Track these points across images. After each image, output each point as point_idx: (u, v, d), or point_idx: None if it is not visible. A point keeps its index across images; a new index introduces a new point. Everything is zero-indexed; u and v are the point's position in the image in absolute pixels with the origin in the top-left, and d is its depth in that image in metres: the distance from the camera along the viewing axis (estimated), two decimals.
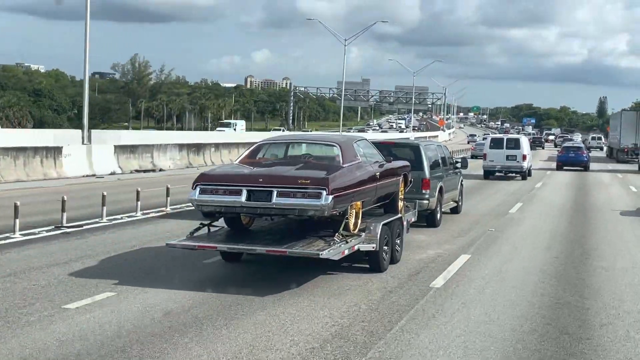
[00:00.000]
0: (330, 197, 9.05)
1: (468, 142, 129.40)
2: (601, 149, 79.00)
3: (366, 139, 12.11)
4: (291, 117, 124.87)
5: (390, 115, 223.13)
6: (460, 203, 18.67)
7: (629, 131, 53.08)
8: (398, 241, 11.40)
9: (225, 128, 78.89)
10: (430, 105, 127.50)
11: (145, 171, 29.79)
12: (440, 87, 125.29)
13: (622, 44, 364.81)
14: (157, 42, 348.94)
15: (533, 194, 25.04)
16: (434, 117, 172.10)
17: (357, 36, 68.59)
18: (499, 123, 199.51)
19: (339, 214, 9.58)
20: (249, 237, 10.20)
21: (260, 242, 9.83)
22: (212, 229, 10.50)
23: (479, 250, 12.79)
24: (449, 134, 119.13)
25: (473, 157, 48.38)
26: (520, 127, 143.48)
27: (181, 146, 34.50)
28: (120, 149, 29.42)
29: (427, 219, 15.58)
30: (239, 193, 9.33)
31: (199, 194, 9.51)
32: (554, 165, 43.48)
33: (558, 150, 46.13)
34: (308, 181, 9.19)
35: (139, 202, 16.20)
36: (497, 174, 33.08)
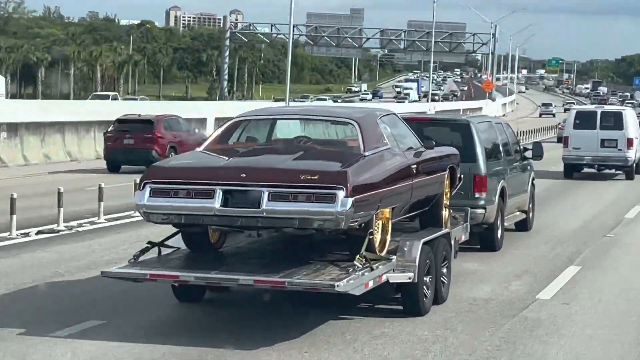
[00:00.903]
0: (350, 200, 10.08)
1: (541, 115, 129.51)
2: None
3: (395, 114, 13.26)
4: (226, 76, 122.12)
5: (410, 74, 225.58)
6: (531, 214, 19.99)
7: None
8: (445, 270, 12.54)
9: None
10: (472, 56, 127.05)
11: None
12: (488, 23, 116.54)
13: None
14: None
15: None
16: (484, 76, 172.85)
17: None
18: (589, 86, 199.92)
19: (360, 226, 10.70)
20: (223, 262, 11.26)
21: (242, 269, 10.92)
22: (164, 251, 11.56)
23: (566, 291, 14.07)
24: (505, 104, 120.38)
25: (559, 140, 48.40)
26: (628, 95, 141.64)
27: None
28: None
29: (482, 238, 16.77)
30: (210, 195, 10.36)
31: (150, 196, 10.55)
32: None
33: None
34: (316, 176, 10.21)
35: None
36: (585, 168, 34.90)
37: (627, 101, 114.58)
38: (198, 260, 11.41)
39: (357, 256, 10.70)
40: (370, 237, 10.91)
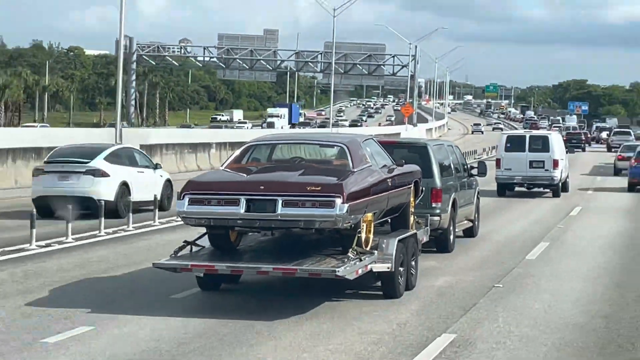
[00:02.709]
0: (346, 205, 12.25)
1: (473, 132, 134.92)
2: None
3: (373, 138, 15.51)
4: (133, 101, 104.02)
5: (343, 102, 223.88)
6: (476, 223, 22.18)
7: None
8: (413, 263, 14.72)
9: None
10: (388, 75, 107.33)
11: None
12: (407, 43, 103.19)
13: None
14: None
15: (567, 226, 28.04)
16: (423, 102, 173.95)
17: (347, 6, 76.02)
18: (518, 110, 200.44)
19: (351, 226, 12.83)
20: (243, 256, 13.35)
21: (260, 260, 13.04)
22: (195, 249, 13.61)
23: (507, 283, 16.24)
24: (431, 129, 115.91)
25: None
26: (559, 119, 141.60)
27: None
28: None
29: (437, 241, 18.81)
30: (236, 203, 12.51)
31: (189, 205, 12.66)
32: (599, 180, 46.27)
33: (630, 159, 42.53)
34: (319, 187, 12.38)
35: None
36: (516, 188, 36.89)
37: (554, 125, 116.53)
38: (223, 255, 13.46)
39: (350, 250, 12.88)
40: (359, 235, 13.07)
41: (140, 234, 21.95)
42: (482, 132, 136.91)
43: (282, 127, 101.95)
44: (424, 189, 16.85)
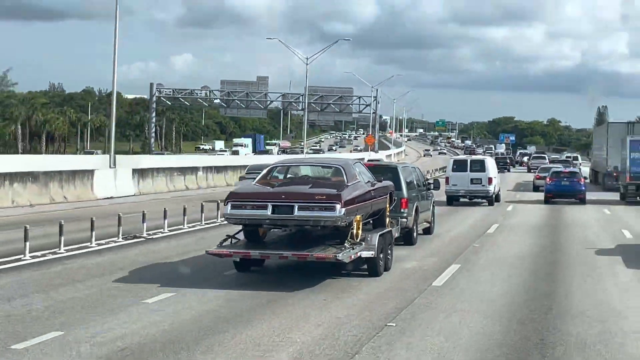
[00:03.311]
0: (343, 209, 13.84)
1: (424, 155, 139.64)
2: None
3: (360, 162, 17.13)
4: (153, 134, 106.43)
5: (322, 135, 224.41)
6: (432, 224, 23.75)
7: (619, 150, 46.30)
8: (389, 251, 16.30)
9: None
10: (357, 114, 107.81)
11: None
12: (369, 87, 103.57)
13: (622, 44, 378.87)
14: (47, 44, 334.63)
15: (502, 224, 30.50)
16: (387, 134, 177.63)
17: (320, 54, 72.65)
18: (459, 140, 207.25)
19: (346, 225, 14.39)
20: (269, 246, 14.90)
21: (281, 249, 14.57)
22: (233, 241, 15.19)
23: (466, 261, 17.90)
24: (391, 155, 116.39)
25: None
26: (492, 146, 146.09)
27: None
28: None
29: (405, 237, 20.28)
30: (265, 207, 14.05)
31: (231, 209, 14.23)
32: (518, 196, 46.04)
33: (546, 177, 43.53)
34: (324, 197, 13.98)
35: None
36: (461, 199, 38.56)
37: (486, 151, 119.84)
38: (254, 245, 15.02)
39: (346, 241, 14.46)
40: (352, 231, 14.66)
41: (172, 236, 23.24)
42: (431, 156, 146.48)
43: (246, 154, 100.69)
44: (396, 198, 18.46)
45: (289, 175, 16.20)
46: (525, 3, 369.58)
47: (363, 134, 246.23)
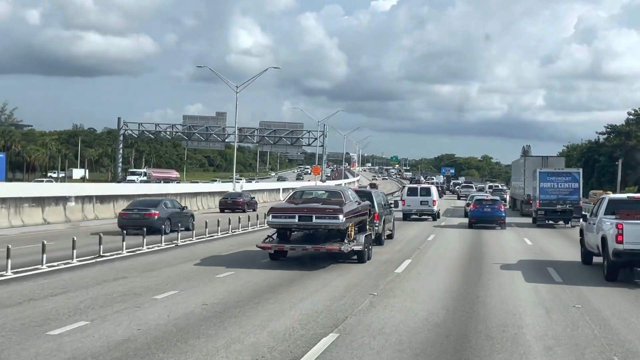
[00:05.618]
0: (344, 218, 19.20)
1: (372, 179, 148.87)
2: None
3: (351, 189, 23.53)
4: (120, 164, 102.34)
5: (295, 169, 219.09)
6: (393, 231, 29.43)
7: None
8: (370, 247, 21.60)
9: None
10: (305, 144, 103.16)
11: None
12: (316, 121, 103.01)
13: (540, 98, 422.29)
14: (84, 96, 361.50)
15: (436, 235, 37.03)
16: (352, 168, 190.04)
17: (248, 83, 71.63)
18: (409, 173, 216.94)
19: (346, 228, 20.51)
20: (295, 242, 20.96)
21: (303, 244, 20.43)
22: (270, 240, 21.07)
23: (416, 257, 24.06)
24: (346, 183, 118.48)
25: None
26: (434, 178, 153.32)
27: None
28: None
29: (376, 240, 25.27)
30: (293, 217, 19.57)
31: (272, 218, 19.87)
32: (451, 218, 47.55)
33: (468, 204, 45.64)
34: (331, 210, 19.54)
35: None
36: (413, 216, 45.00)
37: (431, 181, 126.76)
38: (284, 242, 19.95)
39: (345, 239, 20.06)
40: (348, 232, 19.64)
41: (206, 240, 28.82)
42: (377, 180, 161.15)
43: (138, 181, 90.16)
44: (372, 213, 25.05)
45: (303, 197, 22.44)
46: (463, 65, 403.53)
47: (330, 166, 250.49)
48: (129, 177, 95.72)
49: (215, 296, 14.68)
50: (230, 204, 52.47)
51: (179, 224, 28.81)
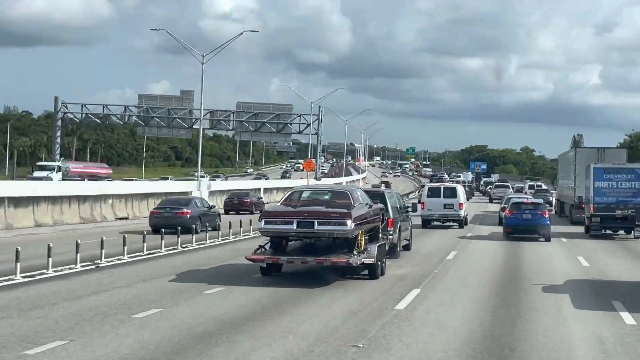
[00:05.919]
0: (353, 224, 16.93)
1: (381, 175, 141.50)
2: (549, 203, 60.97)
3: (360, 188, 20.15)
4: (58, 155, 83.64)
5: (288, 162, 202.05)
6: (410, 241, 26.94)
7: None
8: (384, 259, 19.43)
9: None
10: (295, 131, 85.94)
11: None
12: (309, 102, 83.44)
13: (594, 76, 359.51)
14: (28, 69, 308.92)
15: (462, 247, 33.51)
16: (356, 162, 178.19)
17: (218, 51, 55.89)
18: (429, 169, 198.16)
19: (354, 237, 17.35)
20: (291, 254, 17.84)
21: (302, 255, 17.48)
22: (262, 250, 18.13)
23: (436, 276, 20.94)
24: (348, 182, 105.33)
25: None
26: (460, 175, 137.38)
27: None
28: None
29: (390, 251, 22.85)
30: (291, 223, 17.05)
31: (264, 224, 17.20)
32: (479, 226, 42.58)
33: (503, 209, 39.59)
34: (337, 214, 17.08)
35: None
36: (434, 222, 40.60)
37: (456, 179, 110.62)
38: (279, 253, 17.99)
39: (354, 250, 17.48)
40: (358, 241, 17.75)
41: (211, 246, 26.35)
42: (387, 176, 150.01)
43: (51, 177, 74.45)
44: (386, 218, 21.49)
45: (301, 198, 19.16)
46: (498, 34, 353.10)
47: (326, 161, 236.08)
48: (37, 173, 78.73)
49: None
50: (237, 204, 51.84)
51: (207, 224, 31.03)
